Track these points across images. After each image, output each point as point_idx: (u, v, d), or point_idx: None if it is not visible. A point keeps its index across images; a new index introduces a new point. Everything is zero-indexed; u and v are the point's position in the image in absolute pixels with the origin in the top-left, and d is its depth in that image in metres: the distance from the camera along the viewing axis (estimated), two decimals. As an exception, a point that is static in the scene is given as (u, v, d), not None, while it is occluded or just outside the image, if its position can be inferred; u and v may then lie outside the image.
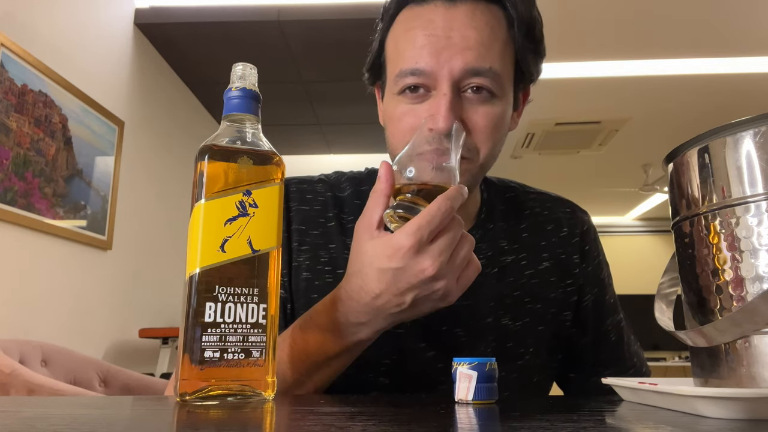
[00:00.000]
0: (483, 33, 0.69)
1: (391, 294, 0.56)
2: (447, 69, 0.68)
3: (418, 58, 0.69)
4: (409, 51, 0.71)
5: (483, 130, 0.70)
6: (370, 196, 0.59)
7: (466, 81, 0.69)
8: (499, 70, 0.70)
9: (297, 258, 0.78)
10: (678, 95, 3.71)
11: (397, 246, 0.54)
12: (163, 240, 3.27)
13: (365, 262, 0.57)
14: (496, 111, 0.71)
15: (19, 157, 2.09)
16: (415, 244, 0.54)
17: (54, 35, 2.33)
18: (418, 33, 0.70)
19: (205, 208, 0.49)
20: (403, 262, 0.54)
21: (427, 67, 0.69)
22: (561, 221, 0.85)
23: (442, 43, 0.69)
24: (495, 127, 0.71)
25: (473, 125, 0.69)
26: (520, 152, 4.75)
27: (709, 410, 0.40)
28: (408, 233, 0.54)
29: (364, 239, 0.58)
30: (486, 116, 0.70)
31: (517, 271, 0.80)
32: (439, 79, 0.69)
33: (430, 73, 0.69)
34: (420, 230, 0.53)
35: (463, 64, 0.68)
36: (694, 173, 0.51)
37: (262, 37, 3.07)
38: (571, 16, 2.88)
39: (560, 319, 0.81)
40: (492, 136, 0.71)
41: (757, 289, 0.45)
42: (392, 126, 0.74)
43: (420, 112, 0.70)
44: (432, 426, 0.40)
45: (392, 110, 0.73)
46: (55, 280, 2.33)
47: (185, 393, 0.47)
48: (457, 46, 0.68)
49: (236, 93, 0.53)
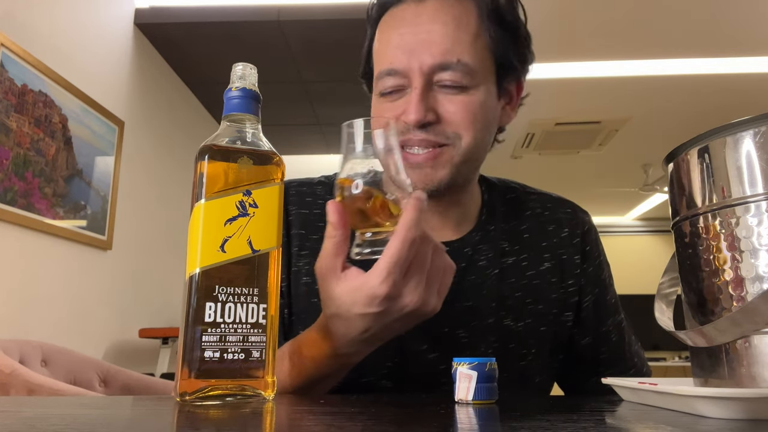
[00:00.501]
0: (449, 26, 0.71)
1: (378, 328, 0.56)
2: (417, 65, 0.70)
3: (392, 58, 0.72)
4: (384, 53, 0.74)
5: (461, 116, 0.71)
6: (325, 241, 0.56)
7: (437, 76, 0.71)
8: (469, 61, 0.71)
9: (297, 263, 0.77)
10: (678, 95, 3.70)
11: (372, 294, 0.53)
12: (163, 240, 3.27)
13: (342, 308, 0.55)
14: (473, 99, 0.72)
15: (19, 157, 2.09)
16: (390, 289, 0.52)
17: (54, 35, 2.33)
18: (391, 33, 0.73)
19: (205, 208, 0.49)
20: (382, 307, 0.53)
21: (400, 66, 0.71)
22: (562, 222, 0.85)
23: (411, 41, 0.71)
24: (473, 114, 0.71)
25: (449, 113, 0.71)
26: (520, 152, 4.75)
27: (709, 410, 0.40)
28: (380, 282, 0.52)
29: (332, 284, 0.56)
30: (461, 104, 0.71)
31: (519, 271, 0.80)
32: (411, 76, 0.71)
33: (404, 71, 0.71)
34: (391, 275, 0.52)
35: (431, 59, 0.70)
36: (694, 173, 0.51)
37: (262, 37, 3.07)
38: (571, 16, 2.88)
39: (561, 320, 0.81)
40: (472, 124, 0.72)
41: (757, 289, 0.45)
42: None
43: (396, 108, 0.72)
44: (432, 426, 0.40)
45: (375, 111, 0.76)
46: (55, 280, 2.33)
47: (185, 393, 0.47)
48: (425, 42, 0.70)
49: (236, 93, 0.53)
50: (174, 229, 3.33)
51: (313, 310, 0.75)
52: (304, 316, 0.76)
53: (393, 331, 0.58)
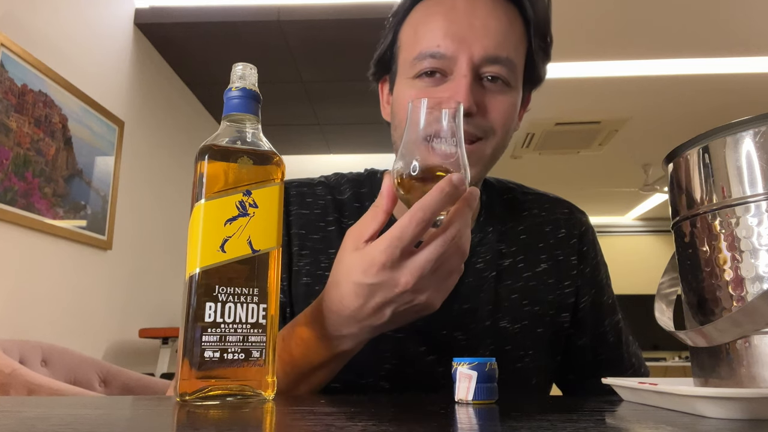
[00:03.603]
0: (503, 23, 0.72)
1: (369, 308, 0.54)
2: (467, 54, 0.69)
3: (440, 41, 0.70)
4: (430, 34, 0.71)
5: (501, 113, 0.71)
6: (369, 209, 0.56)
7: (485, 68, 0.70)
8: (515, 60, 0.72)
9: (297, 263, 0.77)
10: (678, 95, 3.70)
11: (371, 261, 0.52)
12: (163, 240, 3.27)
13: (343, 274, 0.55)
14: (511, 100, 0.73)
15: (19, 157, 2.09)
16: (387, 260, 0.51)
17: (54, 35, 2.33)
18: (439, 18, 0.72)
19: (205, 208, 0.49)
20: (377, 278, 0.52)
21: (448, 51, 0.70)
22: (559, 222, 0.85)
23: (464, 29, 0.70)
24: (509, 115, 0.73)
25: (491, 107, 0.71)
26: (520, 152, 4.75)
27: (709, 410, 0.40)
28: (380, 249, 0.51)
29: (350, 249, 0.55)
30: (504, 101, 0.72)
31: (515, 273, 0.80)
32: (459, 62, 0.69)
33: (451, 57, 0.70)
34: (391, 246, 0.51)
35: (483, 50, 0.69)
36: (694, 173, 0.51)
37: (262, 37, 3.07)
38: (571, 16, 2.88)
39: (558, 321, 0.81)
40: (506, 123, 0.72)
41: (757, 289, 0.45)
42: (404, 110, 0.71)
43: (436, 93, 0.70)
44: (432, 426, 0.40)
45: (405, 94, 0.72)
46: (55, 280, 2.33)
47: (185, 393, 0.47)
48: (479, 32, 0.70)
49: (236, 93, 0.53)
50: (174, 229, 3.33)
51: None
52: None
53: (384, 319, 0.55)
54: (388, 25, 0.79)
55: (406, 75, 0.73)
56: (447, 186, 0.50)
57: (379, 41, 0.80)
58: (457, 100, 0.56)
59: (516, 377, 0.76)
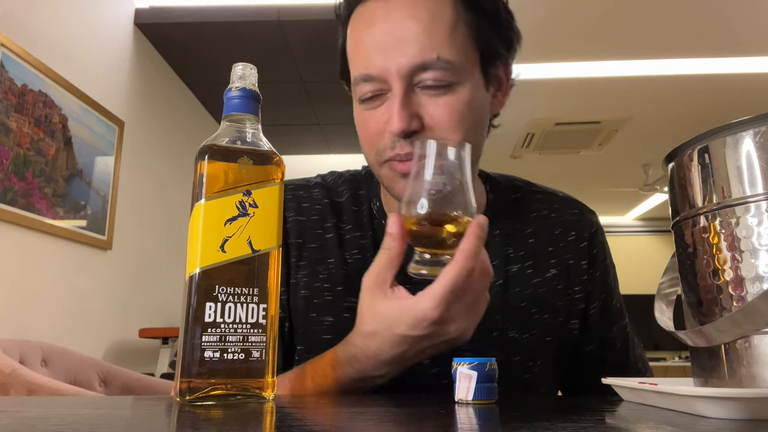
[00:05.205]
0: (423, 21, 0.65)
1: (412, 353, 0.57)
2: (395, 68, 0.65)
3: (366, 62, 0.67)
4: (357, 56, 0.69)
5: (447, 120, 0.66)
6: (380, 253, 0.56)
7: (417, 77, 0.65)
8: (449, 56, 0.65)
9: (295, 275, 0.76)
10: (678, 95, 3.70)
11: (422, 317, 0.53)
12: (163, 240, 3.27)
13: (384, 326, 0.56)
14: (460, 98, 0.66)
15: (19, 157, 2.09)
16: (441, 315, 0.53)
17: (54, 35, 2.33)
18: (361, 35, 0.68)
19: (205, 208, 0.49)
20: (427, 330, 0.54)
21: (376, 71, 0.66)
22: (569, 224, 0.81)
23: (384, 42, 0.65)
24: (460, 115, 0.66)
25: (436, 118, 0.66)
26: (520, 152, 4.75)
27: (709, 410, 0.40)
28: (432, 307, 0.52)
29: (378, 298, 0.56)
30: (447, 105, 0.66)
31: (524, 280, 0.77)
32: (390, 79, 0.66)
33: (380, 76, 0.66)
34: (444, 302, 0.52)
35: (408, 60, 0.64)
36: (694, 173, 0.51)
37: (262, 37, 3.07)
38: (571, 16, 2.88)
39: (568, 328, 0.78)
40: (460, 125, 0.66)
41: (757, 289, 0.45)
42: (360, 135, 0.73)
43: (379, 116, 0.68)
44: (432, 426, 0.40)
45: (357, 119, 0.73)
46: (55, 280, 2.32)
47: (185, 393, 0.47)
48: (399, 41, 0.65)
49: (236, 93, 0.53)
50: (174, 229, 3.33)
51: (311, 325, 0.74)
52: (302, 331, 0.75)
53: (423, 355, 0.58)
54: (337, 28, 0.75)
55: (355, 98, 0.72)
56: (480, 230, 0.53)
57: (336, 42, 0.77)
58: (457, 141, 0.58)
59: (525, 387, 0.75)
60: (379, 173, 0.72)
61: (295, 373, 0.66)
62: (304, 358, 0.69)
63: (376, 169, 0.72)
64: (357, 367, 0.59)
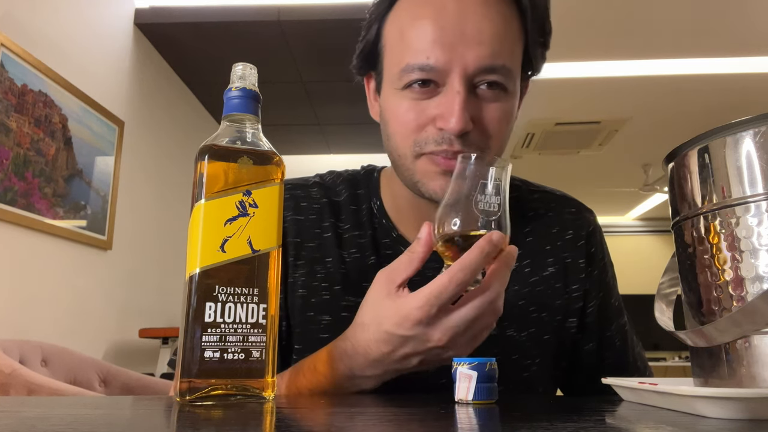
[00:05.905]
0: (498, 25, 0.65)
1: (397, 356, 0.57)
2: (460, 65, 0.64)
3: (429, 52, 0.64)
4: (417, 44, 0.65)
5: (497, 124, 0.67)
6: (404, 254, 0.57)
7: (480, 77, 0.65)
8: (511, 65, 0.67)
9: (293, 274, 0.76)
10: (678, 95, 3.70)
11: (406, 315, 0.54)
12: (163, 240, 3.27)
13: (375, 320, 0.56)
14: (507, 107, 0.68)
15: (19, 157, 2.09)
16: (423, 317, 0.53)
17: (54, 35, 2.33)
18: (427, 24, 0.65)
19: (205, 208, 0.49)
20: (410, 331, 0.54)
21: (438, 63, 0.64)
22: (566, 223, 0.82)
23: (454, 37, 0.64)
24: (506, 122, 0.69)
25: (487, 122, 0.67)
26: (520, 152, 4.75)
27: (709, 410, 0.40)
28: (417, 305, 0.53)
29: (382, 294, 0.57)
30: (500, 111, 0.67)
31: (522, 279, 0.77)
32: (451, 74, 0.64)
33: (443, 69, 0.64)
34: (428, 304, 0.52)
35: (477, 60, 0.64)
36: (694, 173, 0.51)
37: (262, 37, 3.07)
38: (571, 16, 2.88)
39: (566, 326, 0.79)
40: (504, 132, 0.69)
41: (757, 289, 0.45)
42: (395, 123, 0.69)
43: (428, 109, 0.66)
44: (432, 426, 0.40)
45: (395, 106, 0.69)
46: (55, 280, 2.33)
47: (185, 393, 0.47)
48: (472, 40, 0.64)
49: (236, 93, 0.53)
50: (174, 229, 3.33)
51: (309, 324, 0.74)
52: (300, 330, 0.75)
53: (408, 364, 0.58)
54: (370, 16, 0.73)
55: (394, 85, 0.68)
56: (487, 246, 0.52)
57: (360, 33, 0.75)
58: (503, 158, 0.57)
59: (523, 386, 0.75)
60: (410, 166, 0.69)
61: (291, 371, 0.66)
62: (301, 358, 0.69)
63: (405, 161, 0.70)
64: (347, 363, 0.59)
